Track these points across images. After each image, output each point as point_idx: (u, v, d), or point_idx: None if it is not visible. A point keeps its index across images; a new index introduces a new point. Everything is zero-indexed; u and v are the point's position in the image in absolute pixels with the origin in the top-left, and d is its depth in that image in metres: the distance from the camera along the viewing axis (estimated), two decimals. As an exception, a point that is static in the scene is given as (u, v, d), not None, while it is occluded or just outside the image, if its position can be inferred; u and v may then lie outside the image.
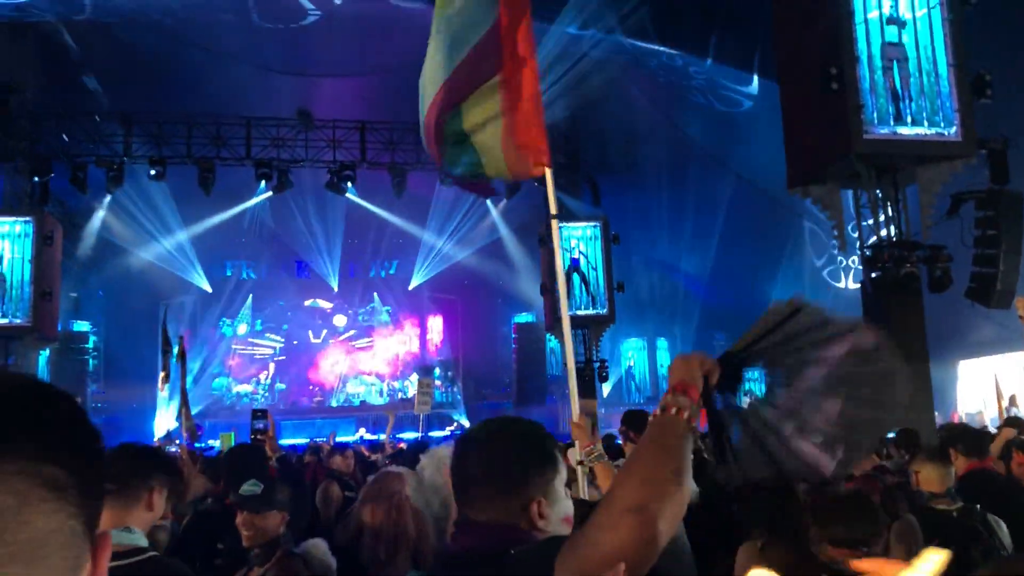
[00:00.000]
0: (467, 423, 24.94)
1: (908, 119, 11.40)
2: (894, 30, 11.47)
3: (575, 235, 19.57)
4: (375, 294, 27.92)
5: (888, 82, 11.34)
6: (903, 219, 12.12)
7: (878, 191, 12.00)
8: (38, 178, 17.66)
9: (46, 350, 18.73)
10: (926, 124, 11.42)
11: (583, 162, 20.38)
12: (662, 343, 26.72)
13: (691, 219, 21.38)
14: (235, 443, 7.72)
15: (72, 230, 19.63)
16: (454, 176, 4.47)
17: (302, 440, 17.66)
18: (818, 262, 23.46)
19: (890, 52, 11.43)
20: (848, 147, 11.17)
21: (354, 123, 19.32)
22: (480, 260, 24.91)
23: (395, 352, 28.22)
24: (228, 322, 27.07)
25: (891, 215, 12.12)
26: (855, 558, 2.34)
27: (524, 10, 3.76)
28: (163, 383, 10.75)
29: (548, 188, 3.54)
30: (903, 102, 11.36)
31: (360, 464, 8.37)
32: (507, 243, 23.43)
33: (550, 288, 19.31)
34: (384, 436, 10.27)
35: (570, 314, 16.98)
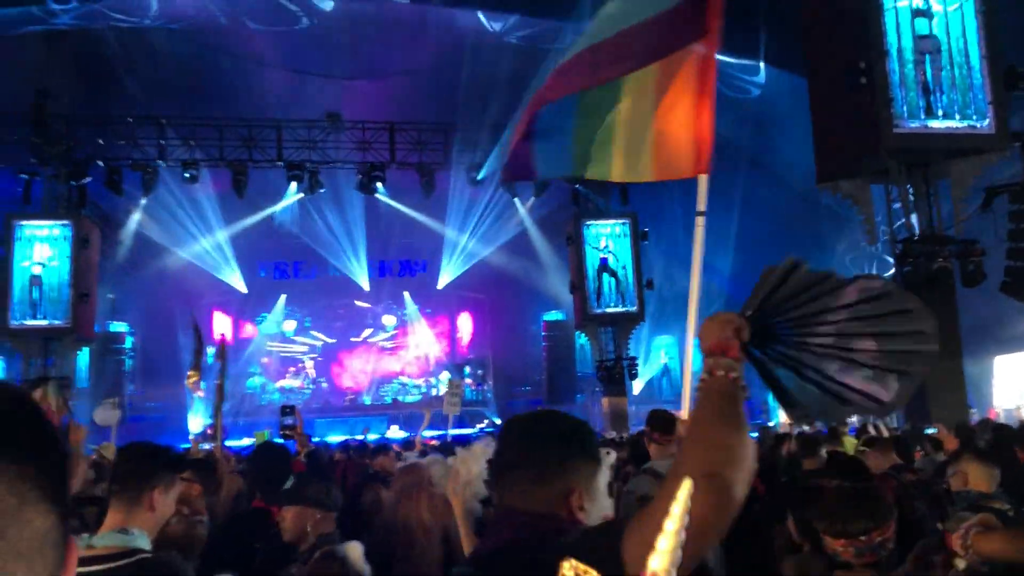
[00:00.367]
0: (498, 421, 25.01)
1: (939, 112, 11.28)
2: (924, 22, 11.35)
3: (603, 232, 19.56)
4: (405, 293, 28.07)
5: (919, 75, 11.23)
6: (934, 213, 12.00)
7: (909, 186, 11.89)
8: (75, 182, 17.98)
9: (84, 350, 19.08)
10: (958, 117, 11.30)
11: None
12: (696, 343, 26.57)
13: (721, 215, 21.23)
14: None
15: (109, 233, 19.96)
16: (537, 176, 4.01)
17: (340, 437, 17.75)
18: (847, 258, 23.14)
19: (922, 45, 11.31)
20: (878, 142, 11.07)
21: (383, 124, 19.45)
22: (508, 258, 24.93)
23: (426, 350, 28.36)
24: (274, 320, 27.42)
25: (922, 209, 12.01)
26: (854, 548, 2.38)
27: None
28: (194, 383, 10.81)
29: (701, 190, 3.12)
30: (934, 95, 11.25)
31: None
32: (535, 241, 23.44)
33: (579, 286, 19.32)
34: (418, 435, 10.33)
35: (599, 312, 16.96)
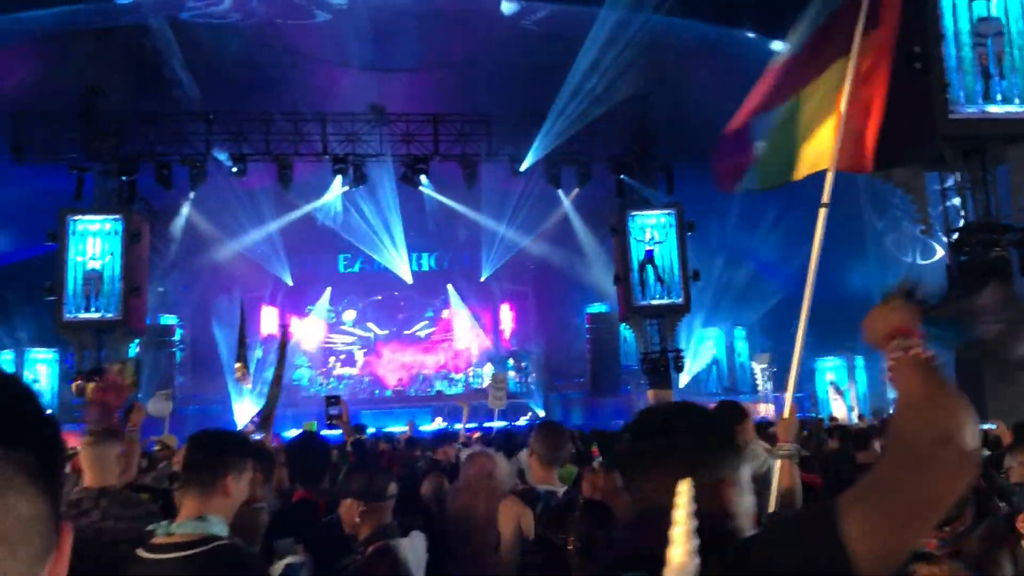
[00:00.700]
0: (542, 413, 24.97)
1: (998, 97, 10.94)
2: (983, 4, 11.00)
3: (648, 224, 19.38)
4: (449, 286, 28.14)
5: (978, 59, 10.89)
6: (991, 201, 11.65)
7: (965, 173, 11.56)
8: (125, 177, 18.32)
9: (135, 343, 19.45)
10: (1017, 101, 10.94)
11: (656, 149, 20.11)
12: (739, 332, 26.23)
13: (767, 204, 20.89)
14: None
15: (158, 227, 20.30)
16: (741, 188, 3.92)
17: (395, 427, 17.82)
18: (887, 238, 22.56)
19: (981, 27, 10.96)
20: (933, 128, 10.76)
21: (426, 116, 19.47)
22: (551, 249, 24.83)
23: (469, 343, 28.41)
24: (331, 309, 27.75)
25: (978, 197, 11.67)
26: (937, 539, 2.29)
27: None
28: (241, 375, 10.92)
29: (828, 180, 3.09)
30: (993, 79, 10.91)
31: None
32: (578, 232, 23.30)
33: (624, 278, 19.18)
34: (462, 428, 10.36)
35: (644, 303, 16.85)
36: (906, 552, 1.30)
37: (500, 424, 16.90)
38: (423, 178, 19.49)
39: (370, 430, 13.33)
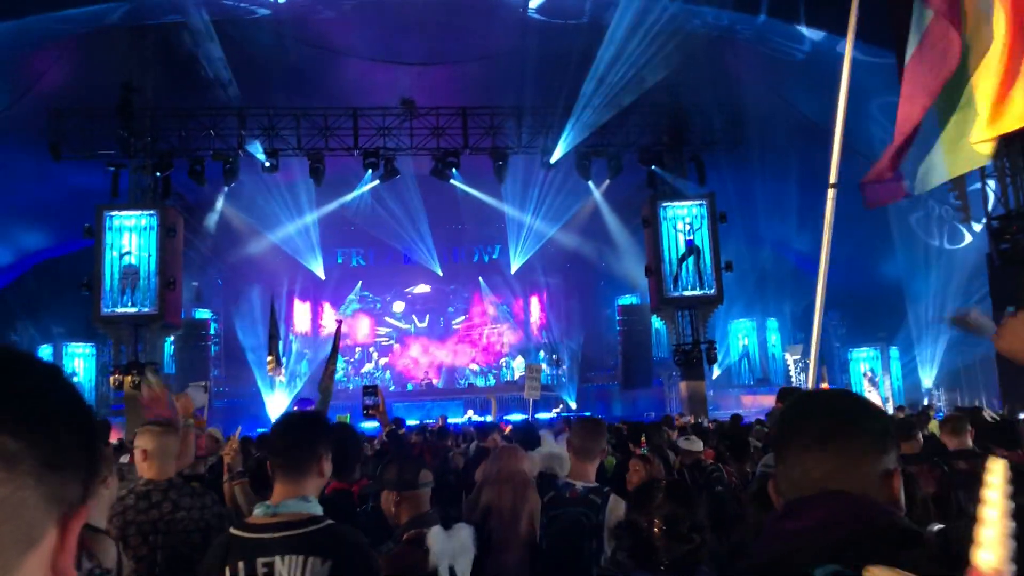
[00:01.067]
0: (574, 405, 24.96)
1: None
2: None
3: (680, 214, 19.24)
4: (480, 278, 28.20)
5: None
6: (1033, 188, 11.42)
7: (1005, 159, 11.34)
8: (160, 173, 18.53)
9: (170, 337, 19.70)
10: (1058, 86, 10.69)
11: (687, 140, 19.95)
12: (771, 323, 25.99)
13: (799, 194, 20.61)
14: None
15: (192, 222, 20.53)
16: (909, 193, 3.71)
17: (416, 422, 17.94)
18: (912, 217, 22.05)
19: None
20: (971, 114, 10.54)
21: (456, 109, 19.48)
22: (582, 241, 24.79)
23: (500, 335, 28.47)
24: (377, 299, 27.99)
25: (1019, 184, 11.44)
26: None
27: None
28: (273, 368, 11.00)
29: (833, 161, 3.03)
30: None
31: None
32: (609, 224, 23.20)
33: (655, 269, 19.07)
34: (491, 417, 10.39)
35: (676, 295, 16.74)
36: None
37: (517, 417, 16.96)
38: (453, 171, 19.51)
39: (411, 422, 13.42)
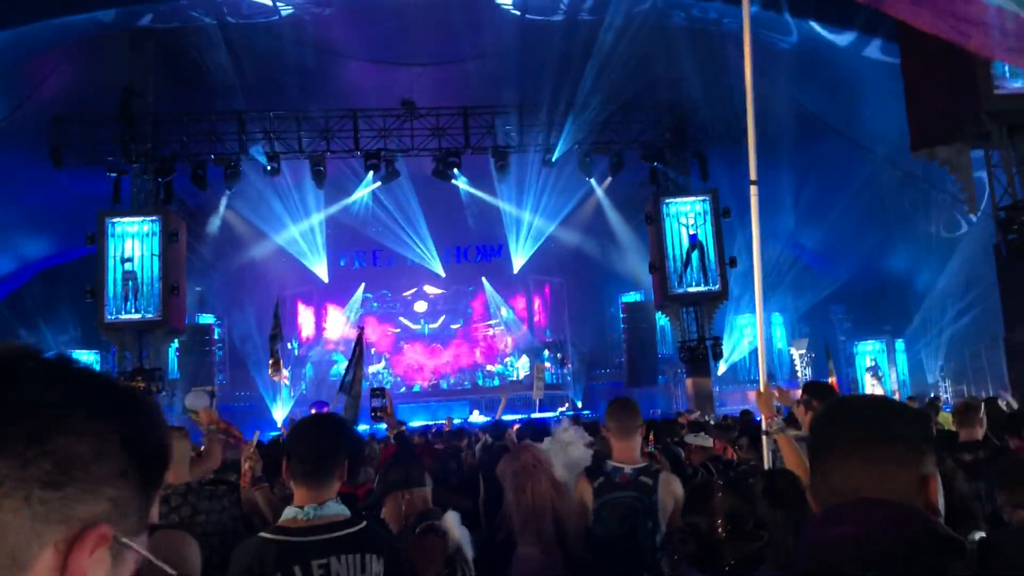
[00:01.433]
0: (580, 403, 24.91)
1: (1043, 71, 10.62)
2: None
3: (683, 210, 19.18)
4: (483, 278, 28.16)
5: None
6: (1038, 178, 11.34)
7: (1010, 149, 11.26)
8: (161, 178, 18.52)
9: (175, 342, 19.68)
10: (1063, 75, 10.62)
11: (689, 136, 19.88)
12: (776, 319, 25.89)
13: (805, 189, 20.52)
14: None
15: (195, 227, 20.50)
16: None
17: (421, 423, 17.93)
18: (936, 229, 21.92)
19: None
20: (977, 105, 10.48)
21: (456, 109, 19.45)
22: (584, 239, 24.74)
23: (504, 335, 28.41)
24: (381, 301, 27.96)
25: (1024, 174, 11.37)
26: None
27: None
28: (275, 370, 10.95)
29: (751, 160, 3.08)
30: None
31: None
32: (612, 221, 23.13)
33: (659, 266, 19.01)
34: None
35: (680, 291, 16.66)
36: None
37: (515, 417, 16.94)
38: (455, 171, 19.48)
39: (417, 423, 13.39)
